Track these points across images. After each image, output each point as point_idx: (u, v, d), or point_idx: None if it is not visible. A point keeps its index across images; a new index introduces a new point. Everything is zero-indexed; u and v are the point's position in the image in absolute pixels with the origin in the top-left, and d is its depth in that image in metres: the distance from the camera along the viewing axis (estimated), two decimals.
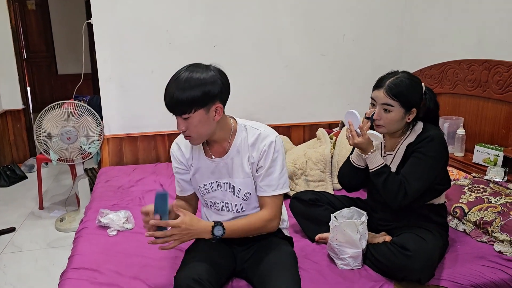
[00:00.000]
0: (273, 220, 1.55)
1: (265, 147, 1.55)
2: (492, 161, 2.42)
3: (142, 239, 1.94)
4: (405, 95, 1.68)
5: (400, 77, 1.71)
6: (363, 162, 1.78)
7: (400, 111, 1.69)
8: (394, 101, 1.68)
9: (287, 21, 3.24)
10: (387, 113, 1.70)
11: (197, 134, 1.51)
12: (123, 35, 3.02)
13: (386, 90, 1.68)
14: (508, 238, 1.79)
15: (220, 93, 1.50)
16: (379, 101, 1.70)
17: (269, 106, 3.35)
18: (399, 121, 1.71)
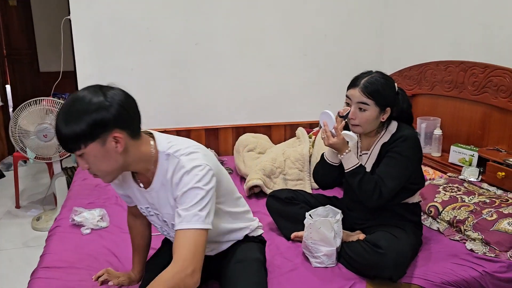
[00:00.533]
0: (186, 270, 1.14)
1: (177, 179, 1.25)
2: (467, 161, 2.46)
3: (116, 237, 1.93)
4: (380, 94, 1.69)
5: (374, 76, 1.72)
6: (337, 159, 1.79)
7: (375, 110, 1.70)
8: (369, 99, 1.69)
9: (269, 21, 3.24)
10: (362, 112, 1.71)
11: (100, 171, 1.24)
12: (102, 32, 2.98)
13: (362, 88, 1.69)
14: (479, 237, 1.82)
15: (116, 119, 1.20)
16: (355, 99, 1.71)
17: (251, 106, 3.35)
18: (374, 120, 1.72)
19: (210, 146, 3.30)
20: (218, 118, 3.32)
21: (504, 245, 1.76)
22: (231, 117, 3.34)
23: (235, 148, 2.88)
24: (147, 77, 3.13)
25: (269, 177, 2.46)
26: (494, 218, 1.86)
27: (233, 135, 3.32)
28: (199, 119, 3.29)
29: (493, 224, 1.83)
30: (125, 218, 2.12)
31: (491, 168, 2.23)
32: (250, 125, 3.36)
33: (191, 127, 3.27)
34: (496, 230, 1.80)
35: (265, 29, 3.25)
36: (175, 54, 3.15)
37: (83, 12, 2.93)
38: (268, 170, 2.47)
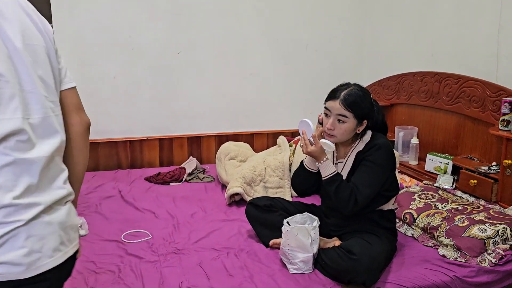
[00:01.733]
0: None
1: None
2: (443, 169, 2.53)
3: (95, 245, 1.93)
4: (359, 106, 1.73)
5: (353, 88, 1.77)
6: (315, 166, 1.82)
7: (354, 122, 1.75)
8: (349, 112, 1.73)
9: (251, 30, 3.30)
10: (341, 123, 1.75)
11: None
12: (84, 39, 2.99)
13: (342, 101, 1.73)
14: (451, 242, 1.87)
15: None
16: (334, 111, 1.75)
17: (233, 114, 3.39)
18: (351, 131, 1.76)
19: (192, 154, 3.32)
20: (200, 127, 3.34)
21: (474, 250, 1.81)
22: (214, 126, 3.37)
23: (217, 157, 2.91)
24: (129, 85, 3.15)
25: (250, 185, 2.49)
26: (465, 225, 1.91)
27: (216, 143, 3.34)
28: (181, 128, 3.31)
29: (464, 230, 1.89)
30: (105, 226, 2.14)
31: (464, 176, 2.30)
32: (233, 133, 3.40)
33: (174, 135, 3.29)
34: (467, 236, 1.86)
35: (247, 38, 3.30)
36: (157, 62, 3.17)
37: (65, 20, 2.94)
38: (249, 178, 2.50)
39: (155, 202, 2.49)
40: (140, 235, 2.05)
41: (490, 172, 2.20)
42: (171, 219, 2.25)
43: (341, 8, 3.44)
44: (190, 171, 2.95)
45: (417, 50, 2.96)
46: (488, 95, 2.30)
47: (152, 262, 1.80)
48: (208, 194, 2.65)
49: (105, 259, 1.82)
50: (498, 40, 2.34)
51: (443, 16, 2.72)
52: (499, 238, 1.83)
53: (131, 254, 1.86)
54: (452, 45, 2.65)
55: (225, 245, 1.95)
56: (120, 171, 3.08)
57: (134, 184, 2.80)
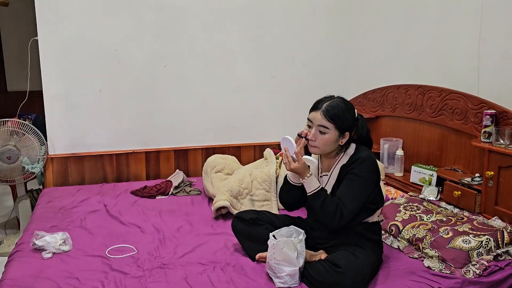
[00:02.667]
0: None
1: None
2: (427, 181, 2.55)
3: (79, 261, 1.90)
4: (341, 118, 1.75)
5: (336, 100, 1.79)
6: (299, 180, 1.83)
7: (335, 134, 1.77)
8: (330, 123, 1.75)
9: (237, 43, 3.32)
10: (322, 134, 1.77)
11: None
12: (70, 52, 2.98)
13: (323, 112, 1.76)
14: (436, 254, 1.89)
15: None
16: (316, 122, 1.77)
17: (220, 127, 3.39)
18: (333, 143, 1.78)
19: (179, 167, 3.31)
20: (187, 139, 3.33)
21: (459, 261, 1.82)
22: (201, 138, 3.37)
23: (203, 169, 2.90)
24: (115, 98, 3.14)
25: (236, 198, 2.49)
26: (450, 236, 1.93)
27: (203, 156, 3.34)
28: (168, 140, 3.29)
29: (448, 242, 1.90)
30: (89, 241, 2.11)
31: (448, 187, 2.32)
32: (220, 146, 3.40)
33: (160, 148, 3.28)
34: (452, 248, 1.87)
35: (233, 52, 3.32)
36: (144, 76, 3.17)
37: (50, 33, 2.93)
38: (235, 191, 2.49)
39: (141, 216, 2.46)
40: (125, 250, 2.03)
41: (473, 184, 2.23)
42: (157, 233, 2.23)
43: (327, 22, 3.49)
44: (176, 184, 2.94)
45: (401, 63, 3.01)
46: (470, 107, 2.35)
47: (137, 277, 1.77)
48: (194, 207, 2.64)
49: (89, 275, 1.79)
50: (478, 54, 2.39)
51: (425, 30, 2.78)
52: (483, 249, 1.85)
53: (116, 270, 1.83)
54: (435, 59, 2.71)
55: (211, 259, 1.93)
56: (106, 185, 3.04)
57: (119, 198, 2.77)
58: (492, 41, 2.32)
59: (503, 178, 2.05)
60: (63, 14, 2.93)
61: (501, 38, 2.27)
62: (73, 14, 2.95)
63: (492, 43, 2.32)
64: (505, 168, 2.03)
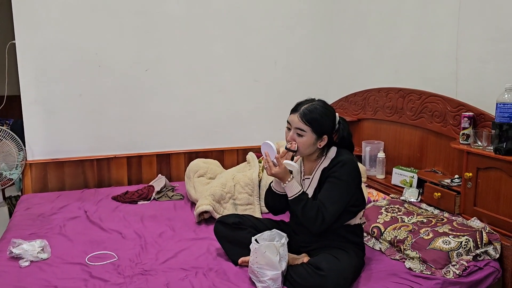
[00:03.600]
0: None
1: None
2: (408, 183, 2.58)
3: (57, 269, 1.86)
4: (318, 122, 1.76)
5: (315, 104, 1.80)
6: (282, 188, 1.83)
7: (312, 137, 1.77)
8: (307, 126, 1.76)
9: (220, 47, 3.32)
10: (299, 137, 1.78)
11: None
12: (48, 56, 2.93)
13: (301, 115, 1.77)
14: (417, 255, 1.91)
15: None
16: (294, 124, 1.79)
17: (203, 131, 3.38)
18: (311, 146, 1.79)
19: (162, 172, 3.28)
20: (170, 143, 3.31)
21: (439, 262, 1.85)
22: (183, 142, 3.35)
23: (186, 174, 2.88)
24: (96, 103, 3.10)
25: (219, 202, 2.47)
26: (430, 237, 1.95)
27: (186, 160, 3.31)
28: (150, 145, 3.26)
29: (429, 243, 1.92)
30: (69, 248, 2.07)
31: (429, 189, 2.35)
32: (203, 150, 3.38)
33: (143, 152, 3.24)
34: (432, 249, 1.89)
35: (215, 56, 3.32)
36: (125, 80, 3.14)
37: (28, 37, 2.88)
38: (218, 195, 2.48)
39: (122, 222, 2.43)
40: (106, 257, 1.99)
41: (452, 185, 2.27)
42: (138, 239, 2.20)
43: (309, 27, 3.51)
44: (158, 189, 2.91)
45: (382, 67, 3.05)
46: (449, 110, 2.39)
47: (118, 284, 1.75)
48: (177, 212, 2.61)
49: (68, 283, 1.75)
50: (456, 58, 2.43)
51: (405, 34, 2.82)
52: (462, 249, 1.88)
53: (96, 277, 1.80)
54: (415, 63, 2.75)
55: (194, 264, 1.92)
56: (87, 191, 3.00)
57: (100, 204, 2.73)
58: (469, 46, 2.36)
59: (481, 179, 2.09)
60: (42, 17, 2.89)
61: (477, 43, 2.31)
62: (52, 17, 2.91)
63: (469, 47, 2.36)
64: (483, 170, 2.07)
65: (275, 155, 1.74)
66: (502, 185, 1.99)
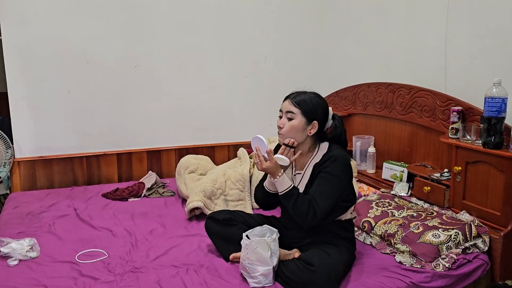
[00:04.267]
0: None
1: None
2: (398, 177, 2.60)
3: (47, 268, 1.84)
4: (307, 105, 1.77)
5: (307, 93, 1.82)
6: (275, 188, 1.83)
7: (302, 120, 1.77)
8: (296, 108, 1.77)
9: (209, 43, 3.29)
10: (289, 121, 1.78)
11: None
12: (35, 53, 2.89)
13: (291, 99, 1.80)
14: (407, 249, 1.92)
15: None
16: (284, 109, 1.80)
17: (193, 127, 3.36)
18: (300, 131, 1.78)
19: (152, 169, 3.26)
20: (160, 140, 3.29)
21: (429, 256, 1.86)
22: (174, 139, 3.33)
23: (177, 170, 2.87)
24: (85, 99, 3.06)
25: (210, 198, 2.47)
26: (420, 231, 1.97)
27: (176, 156, 3.30)
28: (140, 141, 3.24)
29: (419, 237, 1.94)
30: (58, 247, 2.05)
31: (418, 183, 2.37)
32: (193, 146, 3.36)
33: (133, 149, 3.22)
34: (422, 242, 1.91)
35: (205, 51, 3.30)
36: (114, 76, 3.10)
37: (15, 32, 2.83)
38: (209, 191, 2.47)
39: (113, 220, 2.41)
40: (96, 255, 1.98)
41: (442, 179, 2.28)
42: (129, 237, 2.18)
43: (299, 22, 3.51)
44: (149, 186, 2.89)
45: (372, 62, 3.05)
46: (438, 104, 2.40)
47: (108, 282, 1.73)
48: (168, 209, 2.60)
49: (57, 282, 1.73)
50: (445, 52, 2.45)
51: (394, 29, 2.82)
52: (451, 243, 1.89)
53: (86, 275, 1.79)
54: (404, 57, 2.76)
55: (185, 261, 1.91)
56: (76, 188, 2.97)
57: (90, 201, 2.70)
58: (458, 41, 2.38)
59: (470, 173, 2.11)
60: (29, 13, 2.84)
61: (466, 38, 2.33)
62: (39, 13, 2.86)
63: (458, 42, 2.38)
64: (472, 164, 2.09)
65: (266, 149, 1.73)
66: (490, 178, 2.01)
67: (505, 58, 2.13)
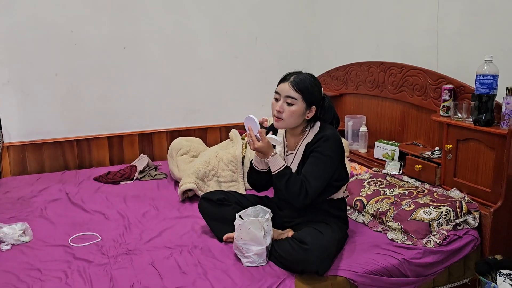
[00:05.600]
0: None
1: None
2: (390, 156, 2.61)
3: (40, 252, 1.84)
4: (309, 91, 1.75)
5: (304, 74, 1.80)
6: (264, 165, 1.83)
7: (302, 106, 1.76)
8: (298, 94, 1.74)
9: (199, 24, 3.24)
10: (289, 106, 1.76)
11: None
12: (21, 35, 2.83)
13: (292, 83, 1.76)
14: (399, 226, 1.94)
15: None
16: (284, 93, 1.76)
17: (184, 109, 3.33)
18: (299, 116, 1.77)
19: (144, 152, 3.24)
20: (151, 123, 3.26)
21: (420, 233, 1.89)
22: (165, 121, 3.30)
23: (169, 153, 2.85)
24: (73, 82, 3.01)
25: (203, 180, 2.46)
26: (411, 208, 1.99)
27: (168, 139, 3.28)
28: (131, 124, 3.21)
29: (410, 214, 1.96)
30: (51, 231, 2.04)
31: (410, 162, 2.39)
32: (185, 128, 3.34)
33: (124, 132, 3.19)
34: (413, 220, 1.93)
35: (195, 32, 3.24)
36: (102, 58, 3.05)
37: None
38: (201, 173, 2.46)
39: (105, 203, 2.40)
40: (89, 238, 1.97)
41: (433, 157, 2.30)
42: (121, 220, 2.18)
43: (290, 1, 3.45)
44: (141, 169, 2.88)
45: (363, 41, 3.03)
46: (430, 83, 2.40)
47: (102, 265, 1.74)
48: (160, 191, 2.60)
49: (51, 265, 1.73)
50: (437, 31, 2.43)
51: (386, 8, 2.79)
52: (442, 219, 1.92)
53: (79, 258, 1.79)
54: (395, 36, 2.74)
55: (178, 243, 1.92)
56: (67, 172, 2.95)
57: (82, 185, 2.69)
58: (449, 19, 2.36)
59: (461, 150, 2.12)
60: None
61: (457, 16, 2.31)
62: None
63: (449, 20, 2.36)
64: (463, 141, 2.10)
65: (258, 129, 1.72)
66: (481, 156, 2.02)
67: (496, 35, 2.12)
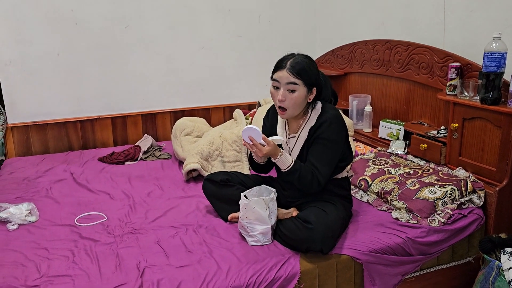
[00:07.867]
0: None
1: None
2: (395, 135, 2.59)
3: (46, 231, 1.86)
4: (307, 73, 1.72)
5: (298, 57, 1.75)
6: (264, 159, 1.82)
7: (304, 90, 1.73)
8: (298, 79, 1.71)
9: (201, 1, 3.19)
10: (291, 93, 1.73)
11: None
12: (21, 14, 2.79)
13: (289, 69, 1.71)
14: (404, 205, 1.94)
15: None
16: (283, 81, 1.73)
17: (187, 89, 3.31)
18: (303, 101, 1.75)
19: (147, 132, 3.23)
20: (155, 103, 3.24)
21: (425, 211, 1.89)
22: (169, 102, 3.28)
23: (172, 133, 2.85)
24: (76, 62, 2.99)
25: (207, 160, 2.46)
26: (416, 187, 1.99)
27: (171, 119, 3.27)
28: (135, 105, 3.20)
29: (415, 193, 1.96)
30: (57, 210, 2.06)
31: (415, 141, 2.37)
32: (188, 108, 3.33)
33: (127, 113, 3.18)
34: (418, 198, 1.93)
35: (197, 11, 3.19)
36: (104, 38, 3.02)
37: None
38: (206, 153, 2.46)
39: (110, 183, 2.42)
40: (95, 218, 1.99)
41: (439, 136, 2.28)
42: (127, 199, 2.19)
43: None
44: (145, 149, 2.88)
45: (368, 18, 2.97)
46: (436, 61, 2.36)
47: (108, 244, 1.75)
48: (164, 171, 2.60)
49: (58, 244, 1.75)
50: (444, 7, 2.38)
51: None
52: (447, 198, 1.91)
53: (86, 238, 1.81)
54: (401, 13, 2.68)
55: (183, 222, 1.93)
56: (72, 153, 2.95)
57: (86, 166, 2.70)
58: None
59: (466, 129, 2.10)
60: None
61: None
62: None
63: None
64: (469, 120, 2.08)
65: (261, 136, 1.67)
66: (487, 134, 2.00)
67: (505, 11, 2.07)
